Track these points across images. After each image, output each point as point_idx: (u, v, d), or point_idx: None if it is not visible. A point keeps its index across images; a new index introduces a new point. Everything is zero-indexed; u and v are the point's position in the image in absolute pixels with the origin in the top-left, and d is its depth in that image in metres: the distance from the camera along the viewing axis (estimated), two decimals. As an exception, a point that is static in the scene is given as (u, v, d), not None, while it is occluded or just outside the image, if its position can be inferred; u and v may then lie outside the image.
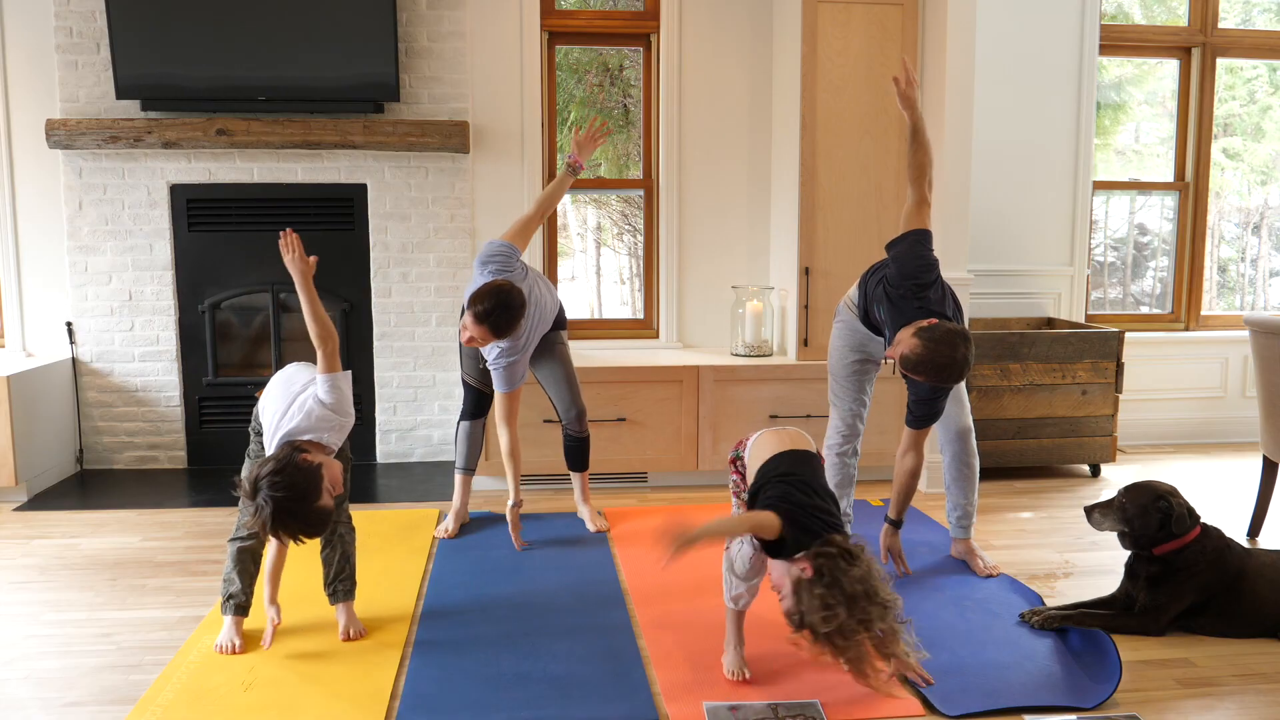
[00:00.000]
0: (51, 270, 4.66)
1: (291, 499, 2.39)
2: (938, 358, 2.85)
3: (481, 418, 3.85)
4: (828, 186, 4.41)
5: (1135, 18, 5.36)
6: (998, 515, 4.03)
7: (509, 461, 3.56)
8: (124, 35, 4.31)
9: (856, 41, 4.35)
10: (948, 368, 2.87)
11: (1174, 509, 2.86)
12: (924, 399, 3.12)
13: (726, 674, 2.57)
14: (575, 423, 3.80)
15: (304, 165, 4.62)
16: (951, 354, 2.84)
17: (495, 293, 3.25)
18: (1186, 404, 5.33)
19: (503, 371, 3.48)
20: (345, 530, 2.86)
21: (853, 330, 3.42)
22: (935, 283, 3.07)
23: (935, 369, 2.87)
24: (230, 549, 2.78)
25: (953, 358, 2.85)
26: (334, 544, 2.85)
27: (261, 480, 2.39)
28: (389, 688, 2.53)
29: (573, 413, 3.78)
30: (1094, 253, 5.46)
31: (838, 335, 3.49)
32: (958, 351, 2.85)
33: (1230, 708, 2.47)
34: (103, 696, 2.50)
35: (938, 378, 2.91)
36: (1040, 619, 2.87)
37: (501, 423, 3.54)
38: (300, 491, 2.41)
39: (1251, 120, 5.55)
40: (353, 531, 2.90)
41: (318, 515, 2.46)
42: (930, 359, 2.86)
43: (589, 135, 3.68)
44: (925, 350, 2.85)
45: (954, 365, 2.86)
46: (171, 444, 4.69)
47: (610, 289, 5.37)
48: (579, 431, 3.82)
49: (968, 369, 2.90)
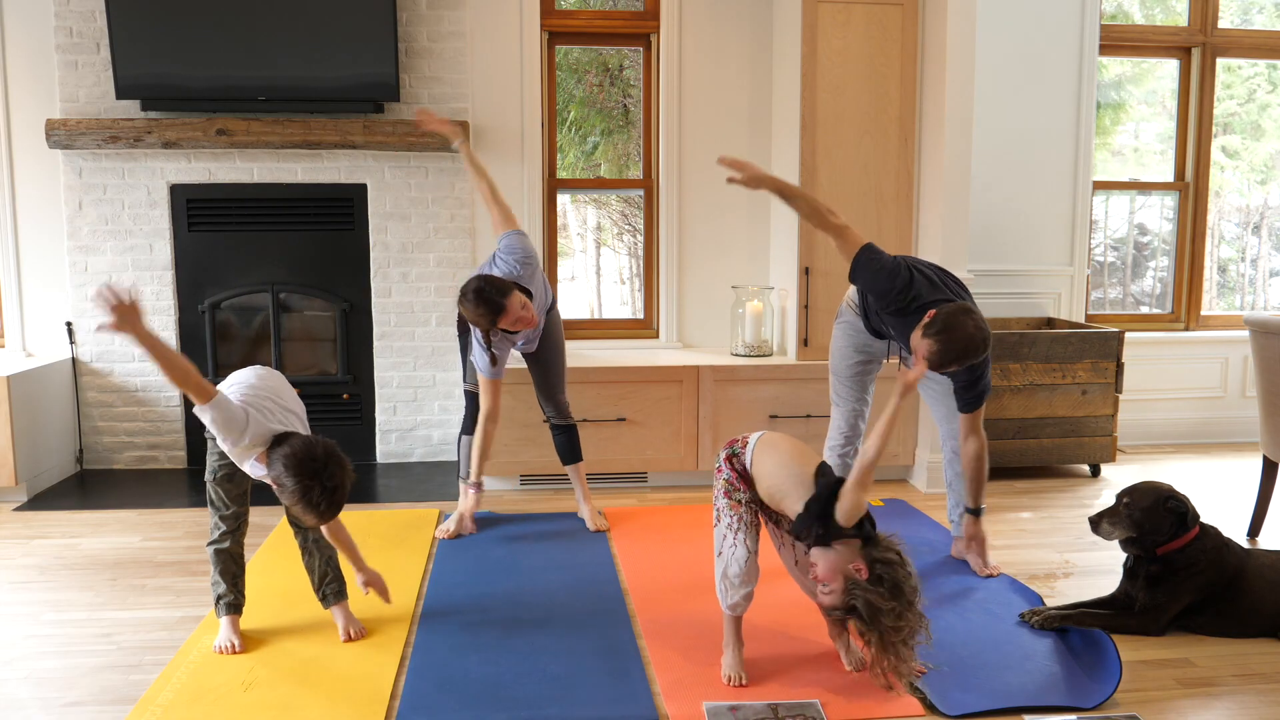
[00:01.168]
0: (51, 270, 4.66)
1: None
2: (953, 344, 2.85)
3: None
4: (828, 186, 4.41)
5: (1135, 18, 5.37)
6: (998, 515, 4.03)
7: (479, 447, 3.65)
8: (124, 35, 4.31)
9: (856, 41, 4.35)
10: (967, 347, 2.87)
11: (1186, 506, 2.86)
12: (966, 384, 3.14)
13: (723, 678, 2.57)
14: (559, 413, 3.83)
15: (304, 165, 4.62)
16: (963, 334, 2.85)
17: (472, 290, 3.34)
18: (1186, 404, 5.33)
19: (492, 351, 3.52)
20: (319, 535, 2.85)
21: (856, 330, 3.42)
22: (912, 280, 3.06)
23: (958, 354, 2.87)
24: (209, 553, 2.78)
25: (966, 336, 2.85)
26: (311, 550, 2.85)
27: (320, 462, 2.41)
28: (389, 688, 2.53)
29: (557, 397, 3.82)
30: (1094, 253, 5.46)
31: (840, 335, 3.49)
32: (966, 329, 2.85)
33: (1230, 708, 2.47)
34: (103, 696, 2.50)
35: (964, 360, 2.90)
36: (1040, 619, 2.87)
37: (487, 419, 3.62)
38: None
39: (1250, 119, 5.55)
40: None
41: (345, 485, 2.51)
42: (948, 349, 2.86)
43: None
44: (939, 344, 2.86)
45: (971, 342, 2.86)
46: (171, 444, 4.69)
47: (610, 289, 5.37)
48: (564, 420, 3.83)
49: (986, 335, 2.89)
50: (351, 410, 4.78)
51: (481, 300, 3.31)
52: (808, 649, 2.75)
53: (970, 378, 3.12)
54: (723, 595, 2.57)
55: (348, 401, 4.78)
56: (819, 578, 2.41)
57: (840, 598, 2.37)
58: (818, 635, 2.81)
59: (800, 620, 2.92)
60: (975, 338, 2.86)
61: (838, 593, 2.37)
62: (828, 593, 2.39)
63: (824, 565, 2.39)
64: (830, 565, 2.38)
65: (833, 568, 2.37)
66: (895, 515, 4.00)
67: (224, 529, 2.74)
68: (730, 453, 2.62)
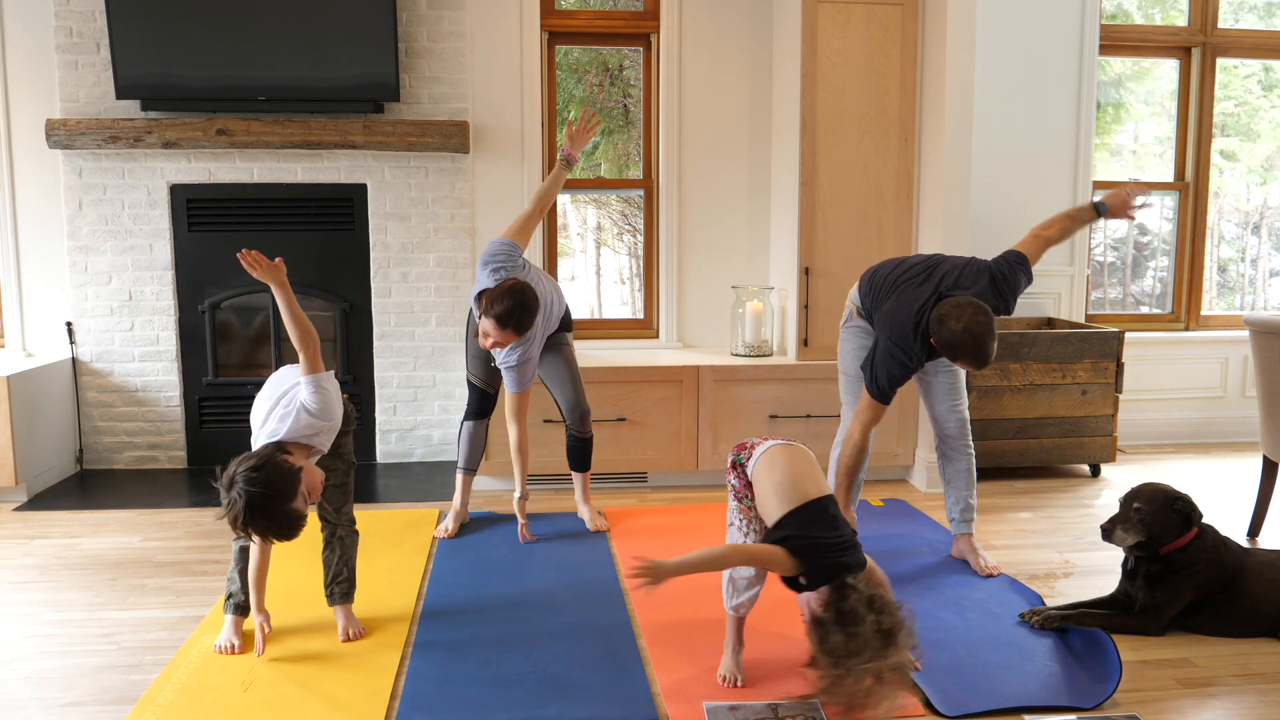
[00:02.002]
0: (51, 270, 4.66)
1: (265, 496, 2.36)
2: (961, 350, 2.91)
3: (485, 418, 3.85)
4: (828, 186, 4.41)
5: (1135, 18, 5.37)
6: (998, 515, 4.03)
7: (517, 456, 3.59)
8: (124, 35, 4.31)
9: (856, 41, 4.35)
10: (973, 346, 2.89)
11: (1191, 506, 2.86)
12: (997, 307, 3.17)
13: (719, 678, 2.57)
14: (579, 423, 3.80)
15: (304, 165, 4.62)
16: (962, 336, 2.88)
17: (510, 293, 3.25)
18: (1186, 404, 5.33)
19: (515, 371, 3.48)
20: (346, 534, 2.86)
21: (866, 333, 3.41)
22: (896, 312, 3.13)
23: (973, 356, 2.91)
24: (234, 548, 2.79)
25: (969, 335, 2.88)
26: (334, 546, 2.85)
27: (238, 474, 2.37)
28: (389, 688, 2.53)
29: (577, 413, 3.78)
30: (1094, 252, 5.46)
31: (849, 338, 3.48)
32: (960, 328, 2.88)
33: (1230, 708, 2.47)
34: (103, 696, 2.50)
35: (977, 358, 2.93)
36: (1040, 619, 2.87)
37: (512, 419, 3.56)
38: (274, 490, 2.38)
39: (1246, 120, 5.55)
40: (355, 535, 2.90)
41: (288, 517, 2.41)
42: (961, 354, 2.92)
43: (581, 128, 3.67)
44: (956, 352, 2.91)
45: (974, 340, 2.88)
46: (171, 444, 4.70)
47: (610, 289, 5.37)
48: (582, 432, 3.82)
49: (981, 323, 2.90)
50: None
51: (516, 327, 3.29)
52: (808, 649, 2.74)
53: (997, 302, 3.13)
54: (728, 596, 2.57)
55: (347, 401, 4.76)
56: (801, 611, 2.51)
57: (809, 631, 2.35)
58: (818, 635, 2.81)
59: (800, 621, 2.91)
60: (972, 333, 2.89)
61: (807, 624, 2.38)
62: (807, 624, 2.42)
63: (800, 600, 2.49)
64: (800, 600, 2.48)
65: (801, 601, 2.48)
66: (895, 515, 4.00)
67: None
68: (735, 460, 2.62)
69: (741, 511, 2.56)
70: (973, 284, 3.10)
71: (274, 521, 2.40)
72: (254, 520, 2.37)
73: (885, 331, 3.16)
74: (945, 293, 3.08)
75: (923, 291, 3.12)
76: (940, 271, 3.17)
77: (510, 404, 3.56)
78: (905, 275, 3.23)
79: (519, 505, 3.64)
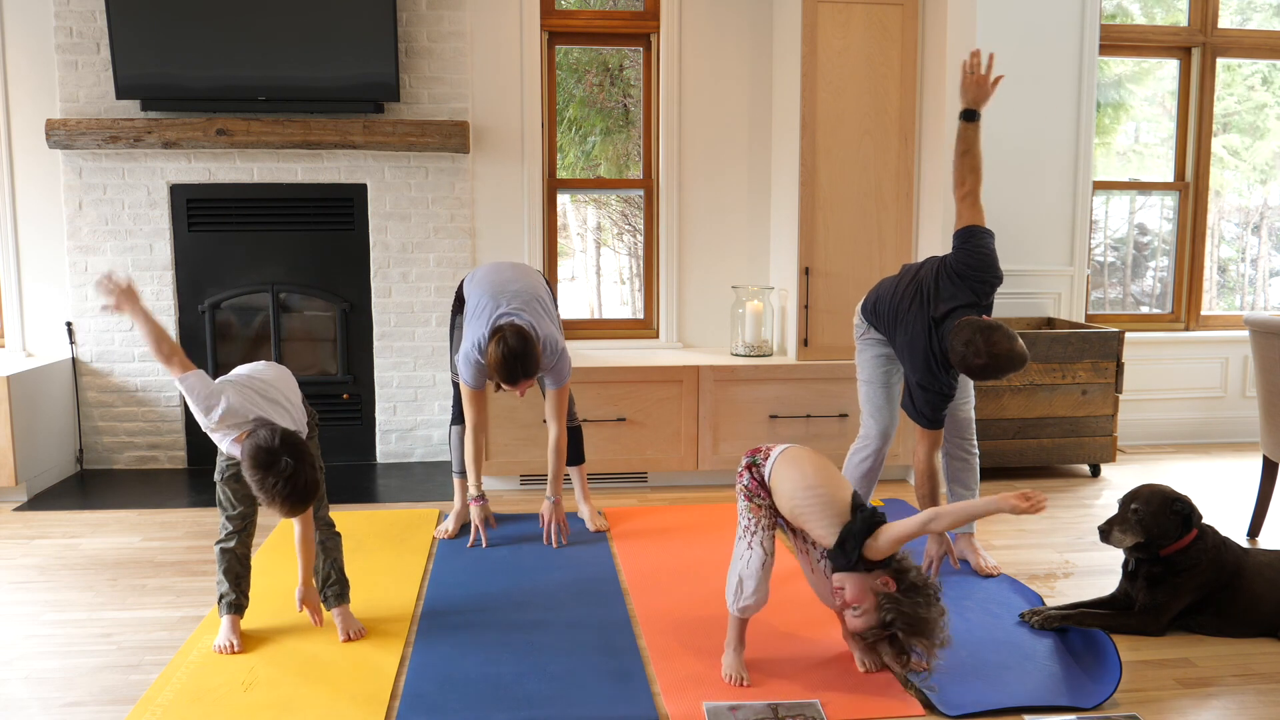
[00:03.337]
0: (51, 270, 4.66)
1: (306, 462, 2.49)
2: (997, 374, 2.87)
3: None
4: (828, 186, 4.41)
5: (1135, 18, 5.36)
6: (998, 515, 4.02)
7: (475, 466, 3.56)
8: (124, 35, 4.31)
9: (856, 41, 4.35)
10: (1007, 366, 2.86)
11: (1190, 507, 2.86)
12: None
13: (724, 677, 2.57)
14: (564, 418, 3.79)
15: (304, 165, 4.62)
16: (990, 367, 2.84)
17: (503, 360, 3.26)
18: (1186, 404, 5.33)
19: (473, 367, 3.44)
20: (327, 537, 2.87)
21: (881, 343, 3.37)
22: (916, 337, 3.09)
23: (1010, 370, 2.88)
24: (215, 551, 2.79)
25: (994, 362, 2.83)
26: (318, 552, 2.86)
27: (278, 444, 2.45)
28: (389, 688, 2.53)
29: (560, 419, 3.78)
30: (1094, 253, 5.45)
31: (865, 348, 3.43)
32: (985, 362, 2.83)
33: (1230, 708, 2.47)
34: (103, 696, 2.50)
35: (999, 371, 2.88)
36: (1040, 619, 2.87)
37: (472, 431, 3.52)
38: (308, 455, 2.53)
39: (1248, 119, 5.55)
40: (337, 537, 2.91)
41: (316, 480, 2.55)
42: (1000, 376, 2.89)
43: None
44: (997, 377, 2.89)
45: (1004, 363, 2.84)
46: (171, 444, 4.69)
47: (610, 289, 5.37)
48: (570, 422, 3.79)
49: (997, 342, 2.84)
50: (351, 410, 4.78)
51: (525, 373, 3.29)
52: (808, 649, 2.75)
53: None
54: (734, 597, 2.58)
55: (348, 401, 4.78)
56: (849, 601, 2.50)
57: (874, 615, 2.46)
58: (818, 635, 2.82)
59: (801, 620, 2.92)
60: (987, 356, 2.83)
61: (870, 611, 2.46)
62: (859, 614, 2.49)
63: (852, 587, 2.49)
64: (858, 586, 2.48)
65: (861, 588, 2.47)
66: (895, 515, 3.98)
67: (230, 529, 2.77)
68: (750, 462, 2.65)
69: (752, 510, 2.61)
70: (952, 295, 3.04)
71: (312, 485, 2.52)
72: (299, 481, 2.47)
73: (909, 369, 3.15)
74: (936, 318, 3.04)
75: (920, 319, 3.08)
76: (923, 290, 3.12)
77: (469, 405, 3.51)
78: (902, 302, 3.18)
79: (473, 506, 3.62)
